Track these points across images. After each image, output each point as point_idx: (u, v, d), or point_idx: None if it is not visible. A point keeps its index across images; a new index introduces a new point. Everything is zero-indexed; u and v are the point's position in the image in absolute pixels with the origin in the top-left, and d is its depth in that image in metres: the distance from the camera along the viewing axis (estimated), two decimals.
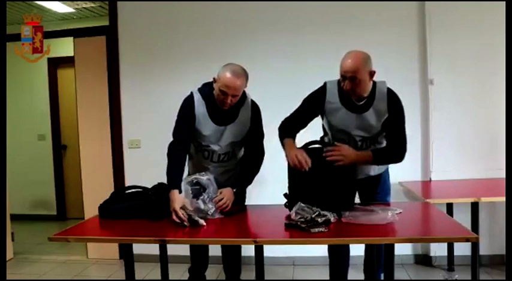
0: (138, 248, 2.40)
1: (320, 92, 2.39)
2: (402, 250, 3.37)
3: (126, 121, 3.72)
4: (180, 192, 2.19)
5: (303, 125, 2.44)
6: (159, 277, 2.60)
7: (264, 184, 2.90)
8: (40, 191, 5.48)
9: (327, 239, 1.96)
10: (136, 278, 2.38)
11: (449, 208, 3.09)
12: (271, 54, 3.48)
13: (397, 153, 2.34)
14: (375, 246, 2.56)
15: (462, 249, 3.13)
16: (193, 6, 3.55)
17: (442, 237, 2.04)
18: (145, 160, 3.67)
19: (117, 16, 3.66)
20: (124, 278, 2.30)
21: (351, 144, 2.35)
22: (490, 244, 3.31)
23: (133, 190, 2.43)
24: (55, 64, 5.32)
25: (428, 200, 2.60)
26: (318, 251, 3.30)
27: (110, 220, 2.27)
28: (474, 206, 2.81)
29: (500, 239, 3.25)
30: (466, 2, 3.25)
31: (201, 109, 2.37)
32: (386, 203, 2.44)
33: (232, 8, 3.51)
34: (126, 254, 2.34)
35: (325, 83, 2.40)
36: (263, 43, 3.50)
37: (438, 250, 3.37)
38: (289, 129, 2.41)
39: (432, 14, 3.29)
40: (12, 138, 4.58)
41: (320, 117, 2.46)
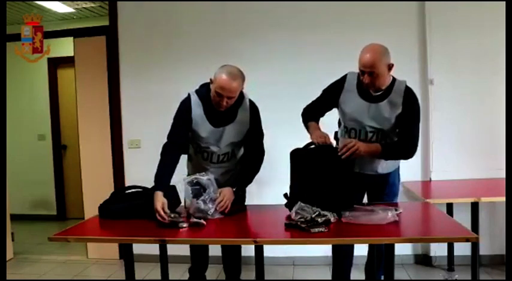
0: (138, 248, 2.40)
1: (339, 82, 2.46)
2: (402, 250, 3.37)
3: (126, 121, 3.72)
4: (164, 194, 2.20)
5: (322, 112, 2.57)
6: (159, 277, 2.60)
7: (264, 184, 2.90)
8: (40, 191, 5.48)
9: (327, 239, 1.96)
10: (137, 278, 2.38)
11: (449, 208, 3.09)
12: (271, 55, 3.48)
13: (406, 149, 2.36)
14: (375, 246, 2.56)
15: (462, 249, 3.13)
16: (193, 7, 3.55)
17: (442, 237, 2.04)
18: (145, 160, 3.62)
19: (117, 16, 3.66)
20: (124, 278, 2.30)
21: (362, 135, 2.38)
22: (490, 244, 3.31)
23: (133, 190, 2.44)
24: (55, 64, 5.32)
25: (428, 200, 2.60)
26: (318, 251, 3.32)
27: (110, 220, 2.27)
28: (474, 206, 2.82)
29: (500, 239, 3.25)
30: (466, 2, 3.25)
31: (198, 111, 2.37)
32: (386, 203, 2.44)
33: (232, 8, 3.52)
34: (126, 254, 2.34)
35: (346, 74, 2.46)
36: (263, 43, 3.50)
37: (438, 250, 3.37)
38: (310, 114, 2.55)
39: (432, 14, 3.29)
40: (12, 138, 4.57)
41: (336, 109, 2.52)
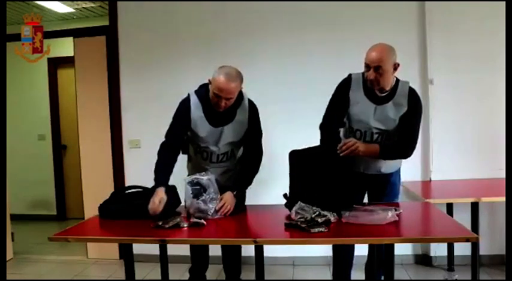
0: (138, 248, 2.40)
1: (345, 83, 2.44)
2: (402, 250, 3.37)
3: (126, 121, 3.72)
4: (166, 190, 2.25)
5: (340, 119, 2.45)
6: (159, 277, 2.60)
7: (264, 184, 2.90)
8: (40, 191, 5.48)
9: (327, 239, 1.96)
10: (137, 278, 2.38)
11: (449, 208, 3.09)
12: (271, 55, 3.48)
13: (404, 148, 2.38)
14: (375, 246, 2.55)
15: (462, 249, 3.13)
16: (193, 7, 3.55)
17: (442, 237, 2.04)
18: (145, 160, 3.60)
19: (117, 16, 3.66)
20: (124, 278, 2.30)
21: (367, 137, 2.38)
22: (490, 244, 3.31)
23: (134, 190, 2.44)
24: (55, 64, 5.31)
25: (428, 200, 2.60)
26: (318, 251, 3.32)
27: (110, 220, 2.27)
28: (474, 206, 2.82)
29: (500, 239, 3.25)
30: (466, 2, 3.25)
31: (197, 111, 2.38)
32: (386, 203, 2.44)
33: (232, 8, 3.51)
34: (126, 254, 2.34)
35: (350, 75, 2.44)
36: (263, 43, 3.49)
37: (438, 250, 3.37)
38: (331, 128, 2.44)
39: (432, 14, 3.29)
40: (12, 138, 4.56)
41: None
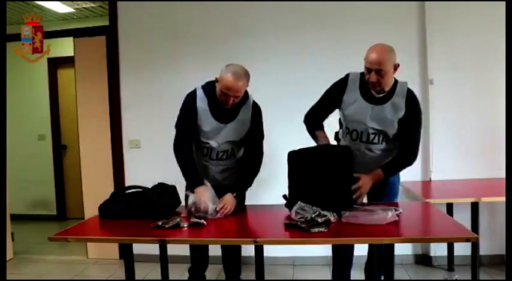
0: (138, 248, 2.40)
1: (341, 83, 2.43)
2: (402, 250, 3.37)
3: (126, 121, 3.72)
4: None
5: (325, 116, 2.54)
6: (159, 277, 2.60)
7: (264, 184, 2.90)
8: (40, 191, 5.48)
9: (327, 239, 1.96)
10: (137, 278, 2.37)
11: (449, 208, 3.09)
12: (272, 55, 3.48)
13: (406, 159, 2.41)
14: (375, 246, 2.55)
15: (462, 249, 3.13)
16: (193, 7, 3.55)
17: (442, 237, 2.03)
18: (145, 160, 3.67)
19: (117, 16, 3.66)
20: (124, 278, 2.30)
21: (364, 137, 2.38)
22: (490, 244, 3.31)
23: (134, 190, 2.43)
24: (55, 64, 5.31)
25: (428, 200, 2.60)
26: (318, 251, 3.32)
27: (110, 220, 2.27)
28: (474, 206, 2.82)
29: (500, 239, 3.25)
30: (466, 1, 3.25)
31: (202, 105, 2.39)
32: (386, 203, 2.43)
33: (232, 8, 3.51)
34: (126, 254, 2.34)
35: (348, 74, 2.43)
36: (263, 43, 3.49)
37: (438, 250, 3.37)
38: (315, 121, 2.53)
39: (432, 14, 3.29)
40: (12, 138, 4.57)
41: (338, 109, 2.50)
